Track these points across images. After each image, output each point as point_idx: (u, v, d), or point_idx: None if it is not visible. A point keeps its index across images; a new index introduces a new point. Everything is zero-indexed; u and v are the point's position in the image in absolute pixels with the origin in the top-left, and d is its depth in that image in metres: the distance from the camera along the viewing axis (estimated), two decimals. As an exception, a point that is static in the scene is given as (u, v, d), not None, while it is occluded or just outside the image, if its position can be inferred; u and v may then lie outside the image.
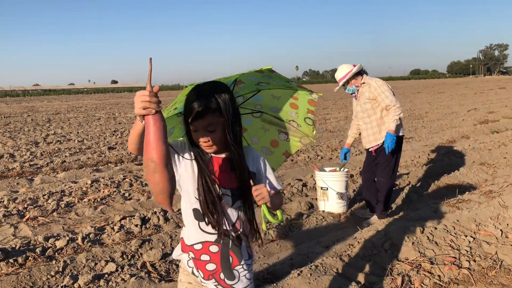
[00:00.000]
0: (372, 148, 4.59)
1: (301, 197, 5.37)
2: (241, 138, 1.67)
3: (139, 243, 3.86)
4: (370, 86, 4.47)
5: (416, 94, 31.77)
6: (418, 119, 13.96)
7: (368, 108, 4.52)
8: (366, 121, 4.56)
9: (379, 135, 4.50)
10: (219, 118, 1.57)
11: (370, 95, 4.47)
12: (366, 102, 4.52)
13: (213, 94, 1.56)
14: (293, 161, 7.65)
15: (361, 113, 4.61)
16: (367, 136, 4.58)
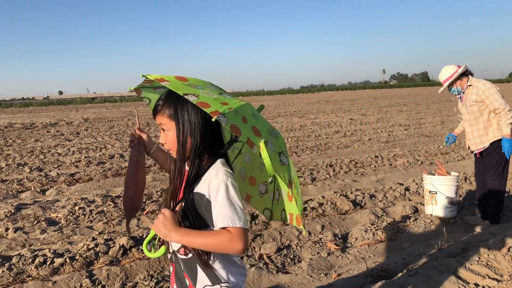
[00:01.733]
0: (477, 151, 4.49)
1: (405, 201, 5.35)
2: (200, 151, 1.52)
3: (251, 237, 4.13)
4: (478, 89, 4.38)
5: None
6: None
7: (475, 110, 4.43)
8: (473, 123, 4.48)
9: (485, 137, 4.40)
10: (170, 121, 1.53)
11: (477, 97, 4.38)
12: (473, 105, 4.43)
13: (171, 97, 1.51)
14: (392, 166, 7.58)
15: (467, 115, 4.52)
16: (473, 138, 4.49)
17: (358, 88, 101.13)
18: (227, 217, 1.40)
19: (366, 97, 49.74)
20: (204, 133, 1.51)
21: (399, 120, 16.03)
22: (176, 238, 1.44)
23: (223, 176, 1.46)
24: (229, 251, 1.46)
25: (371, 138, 11.21)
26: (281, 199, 1.79)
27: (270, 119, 19.68)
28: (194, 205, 1.51)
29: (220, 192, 1.44)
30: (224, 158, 1.57)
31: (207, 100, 1.37)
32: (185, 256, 1.56)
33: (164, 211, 1.45)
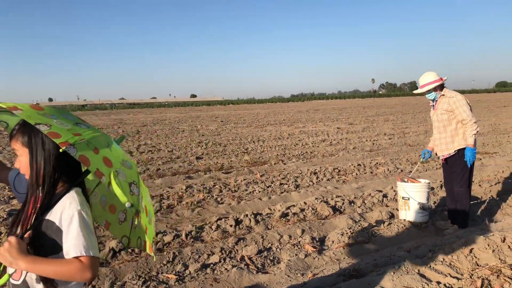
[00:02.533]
0: (443, 157, 4.82)
1: (382, 207, 5.64)
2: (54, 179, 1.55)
3: (235, 240, 4.37)
4: (450, 99, 4.71)
5: (502, 108, 30.13)
6: (503, 134, 13.46)
7: (444, 119, 4.75)
8: (441, 131, 4.80)
9: (451, 145, 4.73)
10: (23, 148, 1.55)
11: (448, 107, 4.70)
12: (443, 113, 4.75)
13: (26, 124, 1.51)
14: (373, 173, 7.88)
15: (437, 123, 4.84)
16: (440, 144, 4.83)
17: (348, 97, 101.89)
18: (80, 246, 1.44)
19: (355, 106, 50.27)
20: (59, 161, 1.54)
21: (384, 129, 16.39)
22: (23, 266, 1.43)
23: (77, 206, 1.50)
24: (78, 279, 1.49)
25: (356, 146, 11.52)
26: (138, 227, 1.85)
27: (260, 127, 19.97)
28: (44, 232, 1.52)
29: (73, 222, 1.47)
30: (81, 187, 1.61)
31: (59, 130, 1.40)
32: (16, 281, 1.56)
33: (11, 238, 1.44)
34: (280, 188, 6.92)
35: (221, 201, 6.22)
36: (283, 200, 6.20)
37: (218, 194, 6.53)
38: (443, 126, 4.79)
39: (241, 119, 27.79)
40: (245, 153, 10.96)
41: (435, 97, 4.83)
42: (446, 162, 4.87)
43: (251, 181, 7.34)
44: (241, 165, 9.29)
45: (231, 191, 6.74)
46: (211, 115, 36.63)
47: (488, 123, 17.70)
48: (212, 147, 12.46)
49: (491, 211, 5.39)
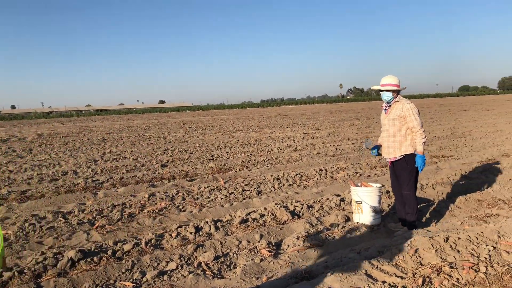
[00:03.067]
0: (389, 159, 5.05)
1: (339, 211, 5.83)
2: None
3: (194, 247, 4.46)
4: (403, 106, 4.94)
5: (463, 112, 31.25)
6: (460, 138, 14.02)
7: (396, 124, 4.98)
8: (390, 134, 5.03)
9: (398, 149, 4.98)
10: None
11: (401, 113, 4.94)
12: (396, 119, 4.98)
13: None
14: (333, 178, 8.10)
15: (387, 126, 5.07)
16: (387, 147, 5.06)
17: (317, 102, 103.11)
18: None
19: (323, 111, 51.01)
20: None
21: (348, 134, 16.78)
22: None
23: None
24: None
25: (320, 152, 11.78)
26: None
27: (228, 133, 20.08)
28: None
29: None
30: None
31: None
32: None
33: None
34: (242, 194, 7.04)
35: (183, 208, 6.29)
36: (245, 206, 6.33)
37: (180, 202, 6.59)
38: (393, 131, 5.02)
39: (209, 125, 27.81)
40: (210, 160, 11.05)
41: (391, 99, 5.05)
42: (393, 165, 5.10)
43: (215, 188, 7.44)
44: (206, 172, 9.37)
45: (193, 198, 6.82)
46: (179, 122, 36.47)
47: (448, 126, 18.37)
48: (178, 155, 12.49)
49: (441, 212, 5.67)
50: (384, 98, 5.09)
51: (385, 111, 5.16)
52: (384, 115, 5.19)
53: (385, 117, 5.17)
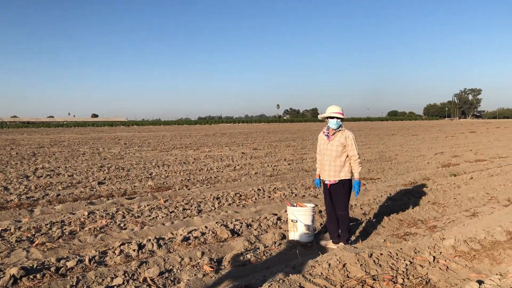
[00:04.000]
0: (329, 182, 5.53)
1: (275, 229, 6.21)
2: None
3: (138, 264, 4.62)
4: (347, 136, 5.49)
5: (391, 136, 33.21)
6: (387, 161, 15.04)
7: (339, 150, 5.48)
8: (331, 159, 5.51)
9: (338, 174, 5.48)
10: None
11: (344, 141, 5.48)
12: (339, 145, 5.48)
13: None
14: (270, 198, 8.51)
15: (330, 151, 5.53)
16: (329, 171, 5.53)
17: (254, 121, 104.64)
18: None
19: (260, 130, 51.96)
20: None
21: (285, 155, 17.41)
22: None
23: None
24: None
25: (258, 172, 12.20)
26: None
27: (165, 151, 20.05)
28: None
29: None
30: None
31: None
32: None
33: None
34: (183, 213, 7.24)
35: (124, 226, 6.39)
36: (186, 225, 6.54)
37: (121, 220, 6.68)
38: (335, 156, 5.51)
39: (145, 141, 27.52)
40: (149, 178, 11.11)
41: (339, 126, 5.52)
42: (330, 188, 5.58)
43: (155, 206, 7.57)
44: (145, 190, 9.45)
45: (134, 216, 6.93)
46: (114, 137, 35.68)
47: (377, 150, 19.57)
48: (115, 172, 12.40)
49: (367, 231, 6.22)
50: (333, 125, 5.52)
51: (327, 137, 5.62)
52: (327, 141, 5.63)
53: (327, 143, 5.61)
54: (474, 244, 5.28)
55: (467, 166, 13.36)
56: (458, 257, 4.85)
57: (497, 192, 8.84)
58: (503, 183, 9.88)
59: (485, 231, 5.71)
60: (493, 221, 6.38)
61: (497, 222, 6.28)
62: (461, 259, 4.81)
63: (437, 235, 5.46)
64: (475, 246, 5.25)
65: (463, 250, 5.08)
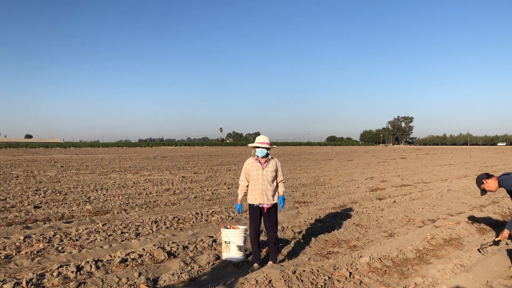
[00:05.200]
0: (266, 206, 6.03)
1: (211, 250, 6.59)
2: None
3: (76, 285, 4.83)
4: (277, 162, 6.13)
5: (328, 161, 34.58)
6: (321, 185, 15.86)
7: (274, 176, 6.07)
8: (267, 185, 6.03)
9: (272, 198, 6.04)
10: None
11: (276, 168, 6.10)
12: (273, 172, 6.07)
13: None
14: (207, 221, 8.87)
15: (265, 177, 6.04)
16: (266, 195, 6.02)
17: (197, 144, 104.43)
18: None
19: (202, 154, 52.14)
20: None
21: (225, 179, 17.83)
22: None
23: None
24: None
25: (197, 196, 12.52)
26: None
27: (104, 174, 19.84)
28: None
29: None
30: None
31: None
32: None
33: None
34: (121, 236, 7.44)
35: (62, 250, 6.51)
36: (124, 247, 6.75)
37: (59, 243, 6.78)
38: (271, 182, 6.06)
39: (83, 164, 26.95)
40: (87, 202, 11.11)
41: (266, 155, 6.06)
42: (261, 211, 6.07)
43: (93, 230, 7.70)
44: (83, 214, 9.49)
45: (72, 240, 7.04)
46: (50, 159, 34.52)
47: (313, 175, 20.47)
48: (52, 195, 12.25)
49: (295, 250, 6.74)
50: (262, 154, 6.05)
51: (261, 164, 6.12)
52: (260, 168, 6.12)
53: (261, 170, 6.10)
54: (386, 261, 5.94)
55: (392, 190, 14.42)
56: (372, 272, 5.47)
57: (415, 215, 9.74)
58: (421, 206, 10.84)
59: (398, 250, 6.42)
60: (406, 241, 7.14)
61: (409, 241, 7.04)
62: (374, 274, 5.43)
63: (355, 254, 6.09)
64: (388, 263, 5.91)
65: (377, 266, 5.72)
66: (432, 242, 7.13)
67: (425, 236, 7.40)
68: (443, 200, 11.89)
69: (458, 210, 10.57)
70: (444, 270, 5.50)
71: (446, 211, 10.44)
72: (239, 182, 6.37)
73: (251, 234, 6.03)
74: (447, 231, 7.80)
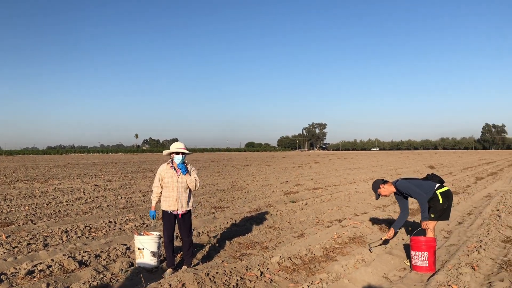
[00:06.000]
0: (181, 212, 6.12)
1: (124, 258, 6.51)
2: None
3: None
4: (193, 168, 6.28)
5: (246, 167, 35.15)
6: (238, 191, 16.15)
7: (187, 183, 6.11)
8: (182, 191, 6.12)
9: (187, 204, 6.16)
10: None
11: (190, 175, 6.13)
12: (188, 178, 6.11)
13: None
14: (121, 229, 8.71)
15: (180, 184, 6.12)
16: (181, 202, 6.11)
17: (111, 152, 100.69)
18: None
19: (116, 161, 50.44)
20: None
21: (140, 187, 17.49)
22: None
23: None
24: None
25: (110, 204, 12.18)
26: None
27: (7, 184, 18.57)
28: None
29: None
30: None
31: None
32: None
33: None
34: (27, 248, 7.08)
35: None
36: (30, 259, 6.44)
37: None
38: (186, 188, 6.14)
39: (-16, 174, 24.93)
40: (-11, 214, 10.37)
41: (183, 160, 6.13)
42: (175, 217, 6.14)
43: (-4, 242, 7.25)
44: (-16, 226, 8.86)
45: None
46: None
47: (230, 180, 20.75)
48: None
49: (210, 254, 6.87)
50: (179, 160, 6.11)
51: (176, 171, 6.17)
52: (175, 175, 6.17)
53: (176, 177, 6.14)
54: (296, 260, 6.29)
55: (305, 193, 15.09)
56: (282, 271, 5.77)
57: (324, 216, 10.32)
58: (331, 208, 11.50)
59: (307, 249, 6.81)
60: (315, 240, 7.58)
61: (318, 241, 7.49)
62: (283, 272, 5.74)
63: (267, 254, 6.37)
64: (297, 261, 6.26)
65: (287, 265, 6.04)
66: (338, 240, 7.64)
67: (332, 235, 7.91)
68: (350, 202, 12.70)
69: (363, 210, 11.37)
70: (347, 266, 5.95)
71: (352, 211, 11.18)
72: (152, 188, 6.38)
73: (165, 240, 6.08)
74: (352, 230, 8.40)
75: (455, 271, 5.60)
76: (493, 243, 7.28)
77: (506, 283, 5.20)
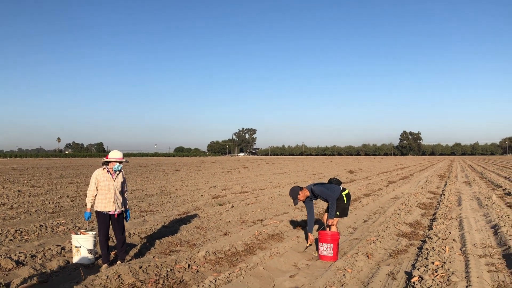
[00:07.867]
0: (117, 212, 6.72)
1: (60, 257, 6.97)
2: None
3: None
4: (123, 175, 6.87)
5: (175, 172, 35.40)
6: (167, 195, 16.69)
7: (123, 186, 6.83)
8: (117, 193, 6.74)
9: (121, 205, 6.78)
10: None
11: (124, 179, 6.92)
12: (123, 182, 6.82)
13: None
14: (54, 232, 9.04)
15: (115, 187, 6.76)
16: (117, 204, 6.74)
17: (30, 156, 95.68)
18: None
19: (38, 166, 48.39)
20: None
21: (68, 192, 17.44)
22: None
23: None
24: None
25: (38, 209, 12.27)
26: None
27: None
28: None
29: None
30: None
31: None
32: None
33: None
34: (-40, 251, 7.28)
35: None
36: (-35, 261, 6.71)
37: None
38: (120, 191, 6.84)
39: None
40: None
41: (119, 168, 6.77)
42: (110, 217, 6.74)
43: None
44: None
45: None
46: None
47: (159, 185, 21.14)
48: None
49: (142, 252, 7.52)
50: (117, 168, 6.77)
51: (111, 176, 6.79)
52: (111, 179, 6.78)
53: (112, 181, 6.77)
54: (220, 254, 7.13)
55: (232, 197, 15.98)
56: (207, 263, 6.59)
57: (248, 217, 11.26)
58: (255, 209, 12.47)
59: (230, 245, 7.67)
60: (238, 237, 8.47)
61: (240, 238, 8.38)
62: (209, 264, 6.55)
63: (194, 250, 7.15)
64: (221, 255, 7.10)
65: (211, 258, 6.86)
66: (258, 237, 8.59)
67: (253, 233, 8.84)
68: (273, 204, 13.77)
69: (283, 211, 12.47)
70: (264, 257, 6.89)
71: (274, 212, 12.24)
72: (87, 192, 6.91)
73: (100, 239, 6.65)
74: (272, 228, 9.39)
75: (352, 258, 6.73)
76: (389, 236, 8.60)
77: (391, 267, 6.41)
